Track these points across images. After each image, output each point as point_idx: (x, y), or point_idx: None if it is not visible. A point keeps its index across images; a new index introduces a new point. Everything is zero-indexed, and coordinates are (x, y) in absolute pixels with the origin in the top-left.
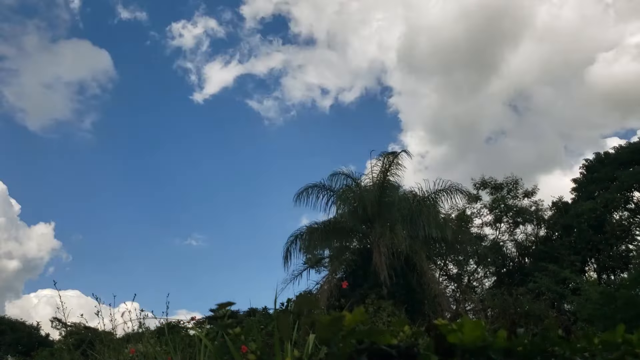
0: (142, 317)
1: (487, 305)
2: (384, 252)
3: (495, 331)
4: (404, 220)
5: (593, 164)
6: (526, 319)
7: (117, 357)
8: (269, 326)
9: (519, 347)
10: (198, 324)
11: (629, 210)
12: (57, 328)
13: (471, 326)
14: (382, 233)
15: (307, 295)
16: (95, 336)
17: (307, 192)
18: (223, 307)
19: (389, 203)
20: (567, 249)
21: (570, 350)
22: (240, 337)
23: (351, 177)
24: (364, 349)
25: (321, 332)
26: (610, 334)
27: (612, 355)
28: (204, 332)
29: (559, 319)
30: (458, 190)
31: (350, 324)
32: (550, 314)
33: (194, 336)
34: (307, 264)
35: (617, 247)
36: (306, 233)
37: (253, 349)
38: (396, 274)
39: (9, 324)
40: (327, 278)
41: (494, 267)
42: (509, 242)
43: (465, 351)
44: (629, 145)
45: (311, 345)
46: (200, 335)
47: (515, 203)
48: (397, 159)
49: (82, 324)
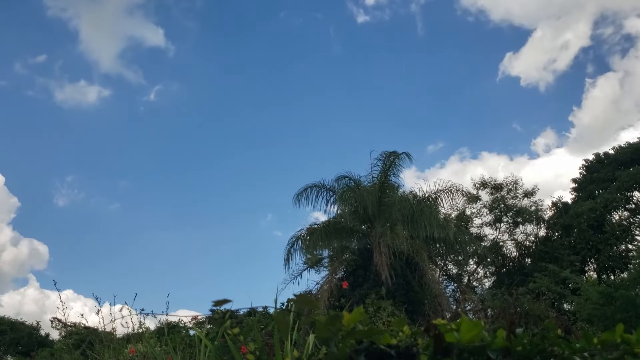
0: (142, 317)
1: (487, 305)
2: (385, 252)
3: (494, 331)
4: (405, 220)
5: (593, 164)
6: (526, 319)
7: (117, 357)
8: (269, 326)
9: (518, 347)
10: (198, 324)
11: (629, 210)
12: (57, 328)
13: (468, 326)
14: (382, 233)
15: (307, 295)
16: (95, 336)
17: (306, 192)
18: (220, 304)
19: (389, 203)
20: (567, 249)
21: (570, 350)
22: (240, 337)
23: (351, 178)
24: (363, 349)
25: (320, 332)
26: (609, 333)
27: (611, 355)
28: (204, 332)
29: (558, 319)
30: (458, 190)
31: (349, 323)
32: (550, 314)
33: (194, 336)
34: (307, 264)
35: (617, 247)
36: (307, 233)
37: (252, 349)
38: (396, 274)
39: (9, 324)
40: (327, 278)
41: (494, 267)
42: (508, 242)
43: (463, 351)
44: (629, 145)
45: (311, 345)
46: (200, 335)
47: (515, 203)
48: (398, 159)
49: (82, 324)
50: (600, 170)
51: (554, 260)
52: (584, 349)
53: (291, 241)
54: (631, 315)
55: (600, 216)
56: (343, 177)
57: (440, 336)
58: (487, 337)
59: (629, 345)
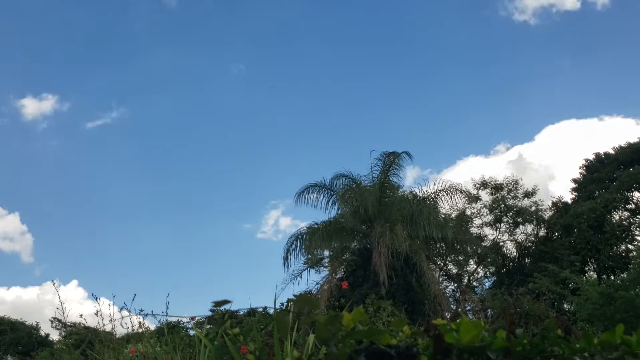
0: (142, 316)
1: (487, 305)
2: (384, 252)
3: (494, 331)
4: (404, 220)
5: (593, 164)
6: (526, 319)
7: (117, 357)
8: (268, 326)
9: (518, 347)
10: (198, 324)
11: (629, 210)
12: (57, 328)
13: (468, 326)
14: (382, 233)
15: (306, 295)
16: (95, 336)
17: (307, 191)
18: (220, 305)
19: (389, 203)
20: (567, 249)
21: (570, 351)
22: (240, 337)
23: (351, 178)
24: (363, 349)
25: (320, 332)
26: (609, 334)
27: (611, 355)
28: (203, 332)
29: (558, 319)
30: (458, 190)
31: (349, 323)
32: (550, 314)
33: (194, 336)
34: (307, 264)
35: (617, 247)
36: (306, 233)
37: (252, 349)
38: (396, 274)
39: (9, 324)
40: (327, 278)
41: (494, 267)
42: (509, 242)
43: (463, 351)
44: (629, 146)
45: (311, 345)
46: (200, 335)
47: (515, 203)
48: (398, 159)
49: (81, 324)
50: (600, 170)
51: (554, 260)
52: (584, 349)
53: (290, 240)
54: (631, 316)
55: (601, 216)
56: (343, 176)
57: (440, 336)
58: (487, 337)
59: (629, 346)
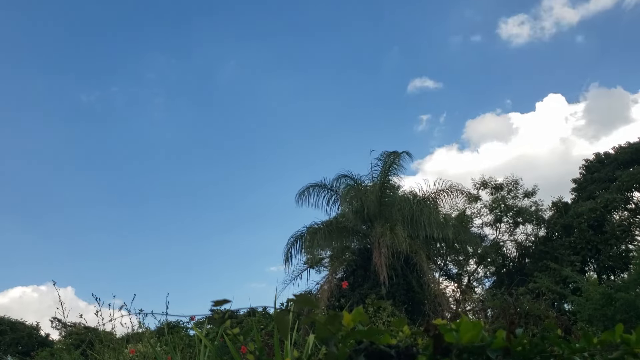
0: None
1: (487, 305)
2: (384, 252)
3: (494, 331)
4: (405, 220)
5: (593, 164)
6: (526, 319)
7: (117, 357)
8: (268, 326)
9: (518, 347)
10: (198, 324)
11: (629, 210)
12: (57, 328)
13: (468, 326)
14: (382, 233)
15: (306, 295)
16: (95, 336)
17: (308, 191)
18: (219, 304)
19: (389, 203)
20: (567, 249)
21: (570, 351)
22: (239, 337)
23: (352, 178)
24: (363, 349)
25: (320, 332)
26: (608, 334)
27: (611, 355)
28: (203, 332)
29: (558, 319)
30: (458, 190)
31: (349, 323)
32: (550, 314)
33: (194, 336)
34: (307, 264)
35: (617, 247)
36: (307, 233)
37: (252, 349)
38: (396, 274)
39: (9, 324)
40: (327, 278)
41: (494, 267)
42: (509, 242)
43: (463, 351)
44: (629, 146)
45: (311, 345)
46: (200, 335)
47: (515, 203)
48: (398, 159)
49: (81, 324)
50: (600, 170)
51: (554, 260)
52: (584, 349)
53: (291, 240)
54: (631, 316)
55: (601, 216)
56: (344, 176)
57: (439, 336)
58: (487, 337)
59: (629, 346)
